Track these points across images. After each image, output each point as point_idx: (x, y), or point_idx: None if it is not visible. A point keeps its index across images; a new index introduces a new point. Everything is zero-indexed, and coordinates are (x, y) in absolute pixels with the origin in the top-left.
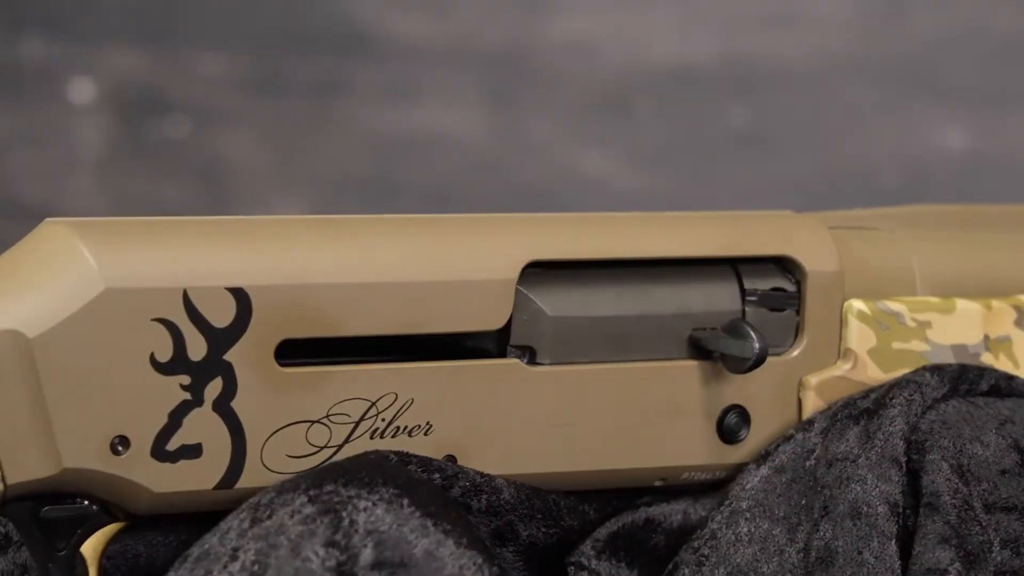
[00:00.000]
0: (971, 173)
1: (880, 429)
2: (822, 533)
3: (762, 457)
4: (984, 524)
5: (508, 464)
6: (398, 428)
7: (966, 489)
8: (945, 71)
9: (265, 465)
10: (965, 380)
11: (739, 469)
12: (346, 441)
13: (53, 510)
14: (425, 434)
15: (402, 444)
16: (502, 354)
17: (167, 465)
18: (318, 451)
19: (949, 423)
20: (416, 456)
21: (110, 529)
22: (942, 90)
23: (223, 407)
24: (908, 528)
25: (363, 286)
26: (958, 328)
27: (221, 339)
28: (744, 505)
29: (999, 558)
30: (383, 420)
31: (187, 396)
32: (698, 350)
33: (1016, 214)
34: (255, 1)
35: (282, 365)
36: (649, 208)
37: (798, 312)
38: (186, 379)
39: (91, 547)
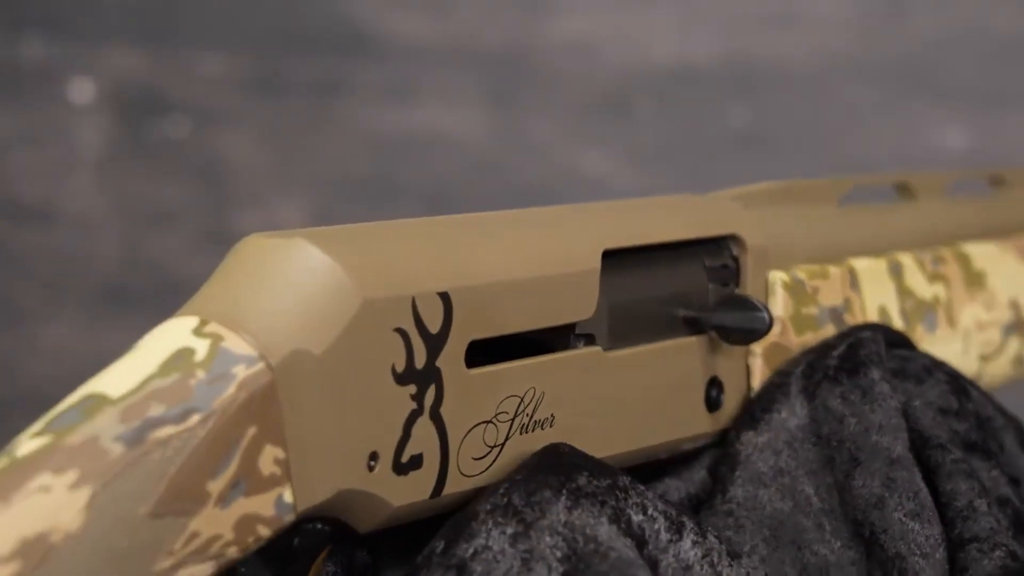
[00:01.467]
0: None
1: (874, 385)
2: (861, 482)
3: (752, 422)
4: (968, 458)
5: (591, 450)
6: (536, 422)
7: (949, 429)
8: (945, 71)
9: (460, 470)
10: (888, 336)
11: (722, 435)
12: (506, 439)
13: (302, 537)
14: (550, 426)
15: (539, 437)
16: (565, 344)
17: (401, 478)
18: (489, 451)
19: (902, 374)
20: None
21: (325, 552)
22: (942, 90)
23: (436, 414)
24: None
25: (524, 282)
26: (831, 292)
27: (435, 345)
28: (762, 467)
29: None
30: (527, 415)
31: (414, 406)
32: (692, 327)
33: (841, 186)
34: (255, 1)
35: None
36: None
37: (738, 285)
38: (414, 388)
39: (312, 572)
